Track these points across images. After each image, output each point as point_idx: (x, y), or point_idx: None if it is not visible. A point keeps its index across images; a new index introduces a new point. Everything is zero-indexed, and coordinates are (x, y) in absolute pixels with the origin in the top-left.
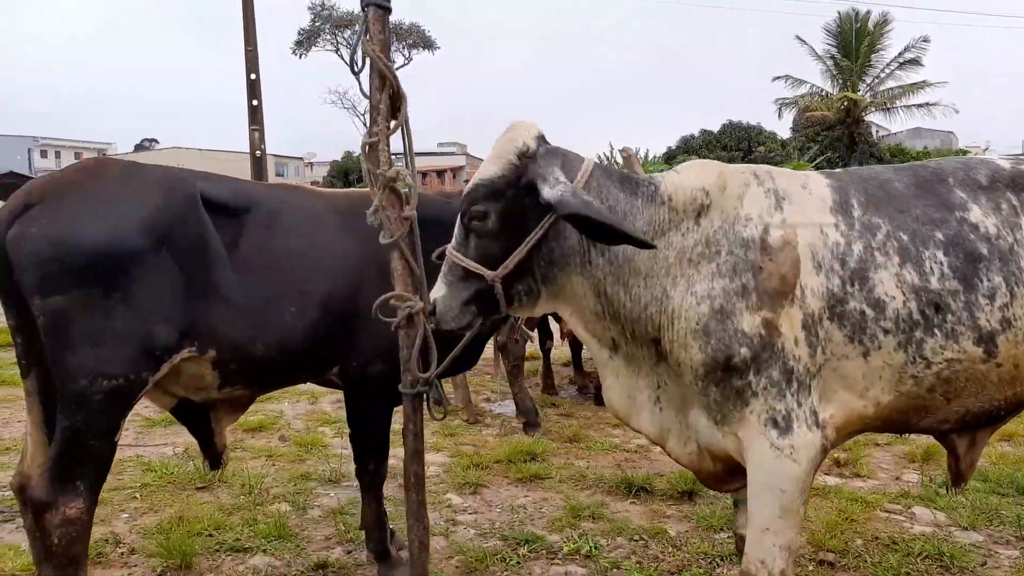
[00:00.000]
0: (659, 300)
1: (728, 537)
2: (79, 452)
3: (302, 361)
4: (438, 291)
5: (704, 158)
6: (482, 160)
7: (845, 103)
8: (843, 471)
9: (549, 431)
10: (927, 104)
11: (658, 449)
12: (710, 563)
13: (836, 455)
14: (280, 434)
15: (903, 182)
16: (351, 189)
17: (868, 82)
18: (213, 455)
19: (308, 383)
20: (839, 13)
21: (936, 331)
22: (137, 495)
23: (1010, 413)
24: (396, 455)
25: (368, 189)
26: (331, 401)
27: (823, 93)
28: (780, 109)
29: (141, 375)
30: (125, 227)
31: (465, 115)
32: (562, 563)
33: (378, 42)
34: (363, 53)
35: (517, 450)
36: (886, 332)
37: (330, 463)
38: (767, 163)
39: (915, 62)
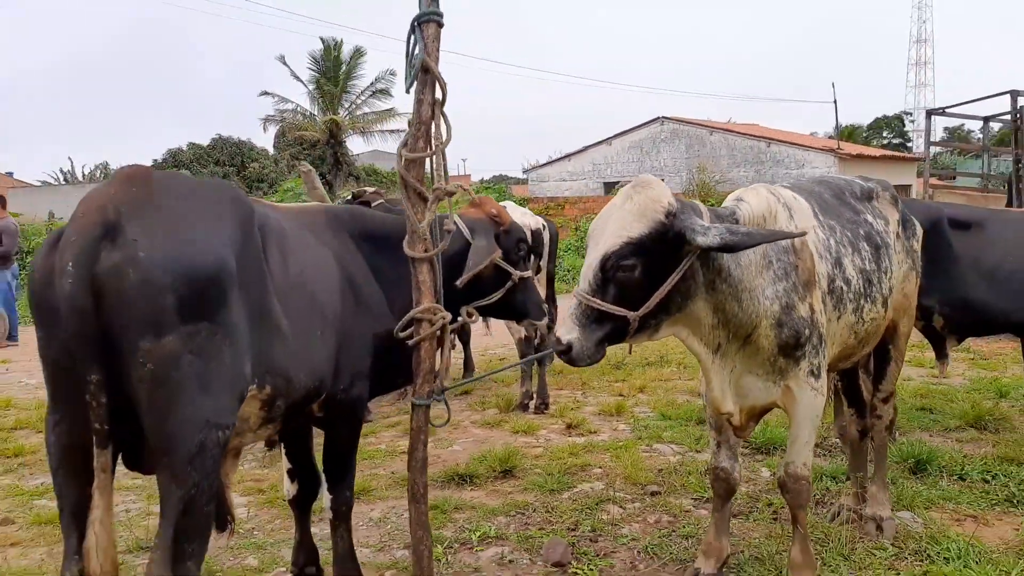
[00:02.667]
0: (756, 306)
1: (568, 497)
2: (195, 524)
3: (320, 389)
4: (570, 333)
5: (197, 174)
6: None
7: (328, 125)
8: (580, 431)
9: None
10: (399, 131)
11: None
12: (589, 514)
13: (567, 420)
14: (2, 516)
15: (828, 194)
16: (294, 204)
17: (347, 107)
18: (221, 514)
19: None
20: (321, 40)
21: (868, 298)
22: None
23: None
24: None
25: (312, 204)
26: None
27: (307, 113)
28: (265, 124)
29: (233, 421)
30: (221, 247)
31: None
32: (484, 547)
33: (435, 58)
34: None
35: None
36: (850, 300)
37: None
38: (263, 179)
39: (385, 92)
